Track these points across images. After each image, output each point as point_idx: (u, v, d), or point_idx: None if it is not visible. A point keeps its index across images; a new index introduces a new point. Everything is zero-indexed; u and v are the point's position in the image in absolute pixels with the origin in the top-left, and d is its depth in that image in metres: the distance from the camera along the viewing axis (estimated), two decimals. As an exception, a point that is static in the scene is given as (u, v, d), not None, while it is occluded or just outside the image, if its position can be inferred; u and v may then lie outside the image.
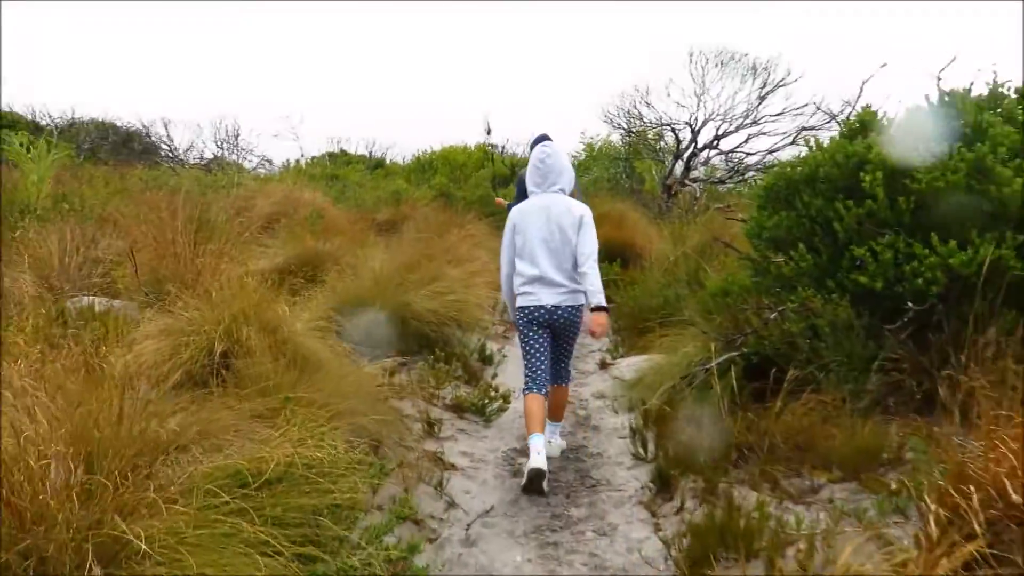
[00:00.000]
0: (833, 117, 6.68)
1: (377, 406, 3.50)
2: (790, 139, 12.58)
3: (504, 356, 5.78)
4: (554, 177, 3.97)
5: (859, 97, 5.16)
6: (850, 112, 5.33)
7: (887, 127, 4.26)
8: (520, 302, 3.92)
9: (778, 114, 12.54)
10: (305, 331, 4.02)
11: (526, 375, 3.88)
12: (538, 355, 3.86)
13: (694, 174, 13.33)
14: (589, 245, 3.85)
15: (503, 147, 17.69)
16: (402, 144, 28.02)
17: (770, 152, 13.02)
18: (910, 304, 3.74)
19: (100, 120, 17.53)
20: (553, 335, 3.93)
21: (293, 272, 5.65)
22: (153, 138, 18.02)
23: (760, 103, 12.60)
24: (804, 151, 4.68)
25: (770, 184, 4.66)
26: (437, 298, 5.43)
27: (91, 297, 5.01)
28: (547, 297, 3.83)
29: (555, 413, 4.14)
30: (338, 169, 16.22)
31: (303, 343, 3.78)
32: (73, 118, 17.54)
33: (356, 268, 5.70)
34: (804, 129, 12.27)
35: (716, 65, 12.75)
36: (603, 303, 3.81)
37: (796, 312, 4.17)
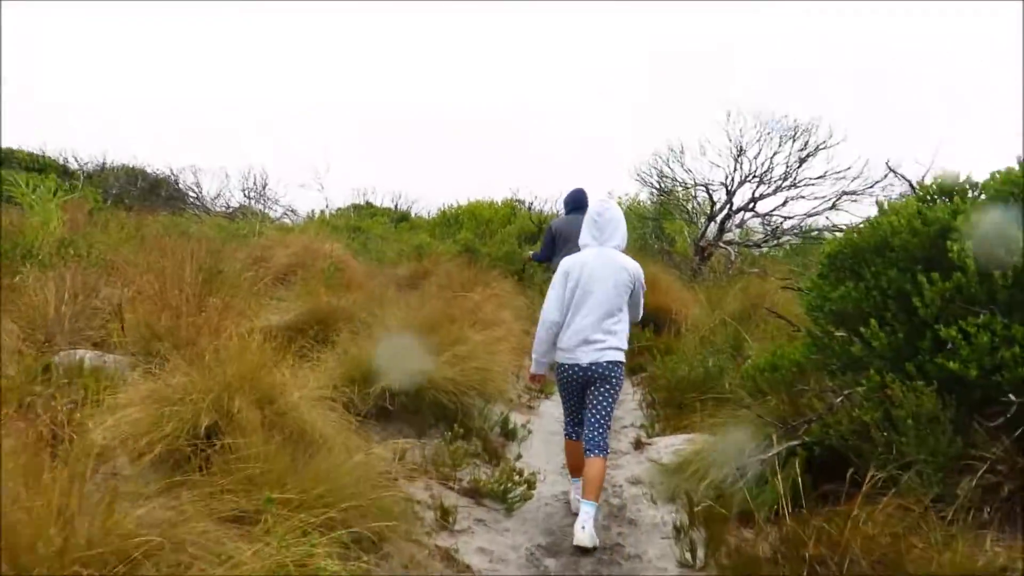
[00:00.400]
0: (893, 170, 6.11)
1: (383, 500, 2.98)
2: (829, 203, 12.13)
3: (529, 432, 5.25)
4: (610, 231, 3.97)
5: (935, 157, 4.72)
6: (924, 173, 4.83)
7: (972, 190, 3.78)
8: (558, 358, 3.98)
9: (819, 177, 12.09)
10: (308, 400, 3.55)
11: (566, 421, 4.13)
12: (577, 408, 4.00)
13: (728, 236, 12.85)
14: (640, 311, 4.09)
15: (531, 204, 17.42)
16: (428, 198, 27.98)
17: (808, 216, 12.55)
18: (1011, 396, 3.20)
19: (130, 166, 17.58)
20: (587, 387, 3.90)
21: (303, 330, 5.19)
22: (181, 185, 18.03)
23: (800, 165, 12.16)
24: (847, 216, 4.25)
25: (834, 251, 4.17)
26: (458, 364, 4.94)
27: (84, 351, 4.60)
28: (584, 356, 3.85)
29: (590, 490, 3.68)
30: (362, 221, 15.99)
31: (303, 416, 3.31)
32: (103, 163, 17.63)
33: (372, 328, 5.24)
34: (845, 193, 11.83)
35: (754, 127, 12.39)
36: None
37: (868, 398, 3.64)
